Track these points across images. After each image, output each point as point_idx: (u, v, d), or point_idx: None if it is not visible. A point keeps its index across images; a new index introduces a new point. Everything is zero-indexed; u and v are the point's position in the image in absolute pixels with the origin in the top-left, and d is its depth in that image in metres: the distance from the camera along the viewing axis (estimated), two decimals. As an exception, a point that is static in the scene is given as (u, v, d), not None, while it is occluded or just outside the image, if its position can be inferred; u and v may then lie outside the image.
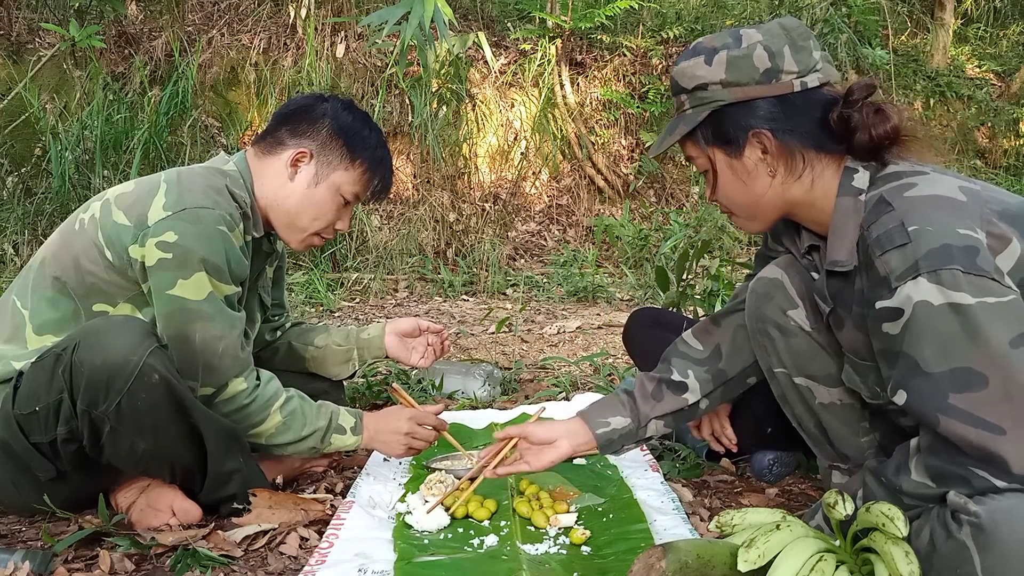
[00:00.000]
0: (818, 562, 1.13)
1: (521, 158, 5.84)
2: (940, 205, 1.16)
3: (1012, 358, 1.07)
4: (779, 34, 1.27)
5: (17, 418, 1.50)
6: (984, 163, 7.46)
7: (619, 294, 4.63)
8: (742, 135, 1.28)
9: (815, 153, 1.28)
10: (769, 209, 1.34)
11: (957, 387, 1.09)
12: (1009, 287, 1.09)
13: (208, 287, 1.56)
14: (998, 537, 1.03)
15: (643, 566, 1.17)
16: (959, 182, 1.20)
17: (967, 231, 1.11)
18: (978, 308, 1.07)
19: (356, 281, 4.51)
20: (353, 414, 1.75)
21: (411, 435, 1.77)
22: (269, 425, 1.64)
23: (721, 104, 1.28)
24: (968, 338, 1.07)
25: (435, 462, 1.85)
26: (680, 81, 1.33)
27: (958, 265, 1.08)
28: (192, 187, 1.59)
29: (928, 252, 1.10)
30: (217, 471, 1.60)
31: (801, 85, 1.26)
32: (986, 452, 1.08)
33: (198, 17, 5.64)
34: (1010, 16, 8.55)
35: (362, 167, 1.72)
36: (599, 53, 6.38)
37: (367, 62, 5.56)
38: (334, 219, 1.74)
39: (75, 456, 1.52)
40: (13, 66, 4.89)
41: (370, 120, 1.76)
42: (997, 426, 1.07)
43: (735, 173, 1.32)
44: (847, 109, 1.25)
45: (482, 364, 2.85)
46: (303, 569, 1.41)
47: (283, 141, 1.71)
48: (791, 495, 1.84)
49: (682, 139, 1.34)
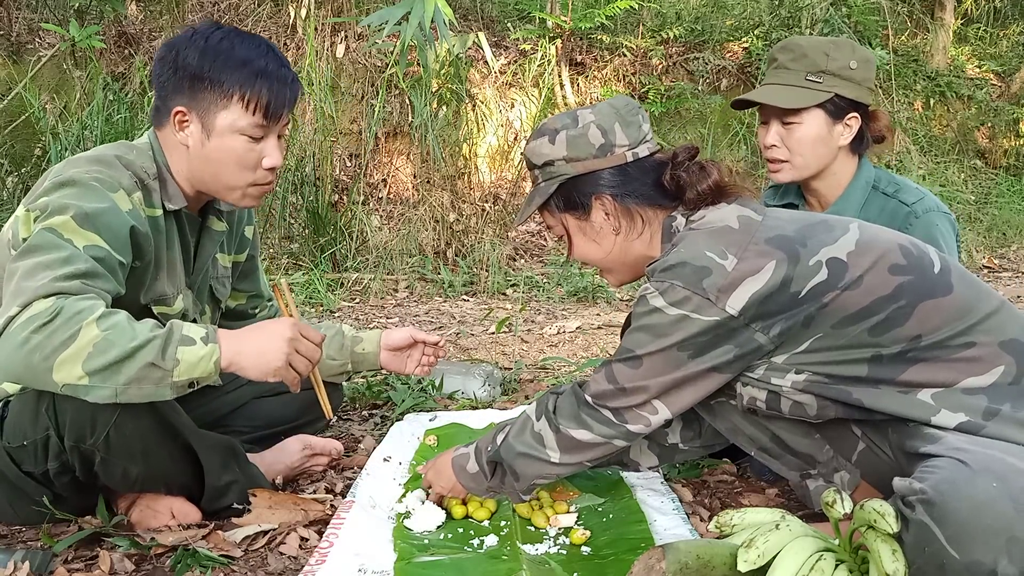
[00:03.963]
0: (818, 561, 1.14)
1: (521, 158, 5.84)
2: (707, 233, 1.37)
3: (672, 355, 1.35)
4: (609, 113, 1.47)
5: (7, 449, 1.49)
6: (984, 163, 7.46)
7: (619, 294, 4.63)
8: (587, 200, 1.48)
9: (652, 211, 1.49)
10: (619, 263, 1.54)
11: (623, 360, 1.40)
12: (722, 308, 1.30)
13: (70, 230, 1.36)
14: (949, 506, 1.08)
15: (643, 567, 1.17)
16: (743, 212, 1.39)
17: (713, 255, 1.32)
18: (671, 317, 1.33)
19: (356, 281, 4.51)
20: (204, 326, 1.39)
21: (294, 341, 1.42)
22: (84, 342, 1.25)
23: (566, 177, 1.48)
24: (648, 333, 1.36)
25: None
26: (531, 159, 1.53)
27: (680, 281, 1.32)
28: (77, 163, 1.48)
29: (665, 267, 1.35)
30: (214, 485, 1.61)
31: (633, 156, 1.47)
32: (600, 397, 1.42)
33: (198, 17, 5.65)
34: (1010, 16, 8.55)
35: (238, 95, 1.49)
36: (599, 53, 6.38)
37: (367, 62, 5.56)
38: (253, 161, 1.54)
39: (70, 484, 1.52)
40: (13, 66, 4.89)
41: (231, 36, 1.53)
42: (620, 386, 1.40)
43: (585, 234, 1.52)
44: (675, 171, 1.46)
45: (482, 364, 2.85)
46: (303, 569, 1.41)
47: (161, 107, 1.55)
48: (791, 495, 1.84)
49: (539, 209, 1.53)
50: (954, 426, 1.25)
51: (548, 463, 1.48)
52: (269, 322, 1.46)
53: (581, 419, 1.44)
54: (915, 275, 1.30)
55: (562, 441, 1.46)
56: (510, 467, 1.52)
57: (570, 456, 1.47)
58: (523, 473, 1.51)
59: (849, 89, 1.82)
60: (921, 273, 1.31)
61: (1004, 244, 6.53)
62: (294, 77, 1.57)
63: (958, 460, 1.14)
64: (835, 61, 1.82)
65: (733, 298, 1.30)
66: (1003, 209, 6.87)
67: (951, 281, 1.31)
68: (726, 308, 1.30)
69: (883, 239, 1.35)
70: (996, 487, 1.08)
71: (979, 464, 1.12)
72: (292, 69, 1.58)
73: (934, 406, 1.27)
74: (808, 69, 1.82)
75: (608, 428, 1.43)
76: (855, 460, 1.46)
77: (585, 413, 1.44)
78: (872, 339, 1.29)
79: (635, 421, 1.42)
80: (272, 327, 1.44)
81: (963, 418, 1.25)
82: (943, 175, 6.90)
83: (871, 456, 1.44)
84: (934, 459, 1.18)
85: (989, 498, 1.07)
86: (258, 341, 1.41)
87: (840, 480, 1.48)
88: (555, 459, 1.47)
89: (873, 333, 1.29)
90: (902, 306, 1.28)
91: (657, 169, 1.48)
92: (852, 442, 1.46)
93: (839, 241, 1.32)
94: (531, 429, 1.50)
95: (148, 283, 1.56)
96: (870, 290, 1.29)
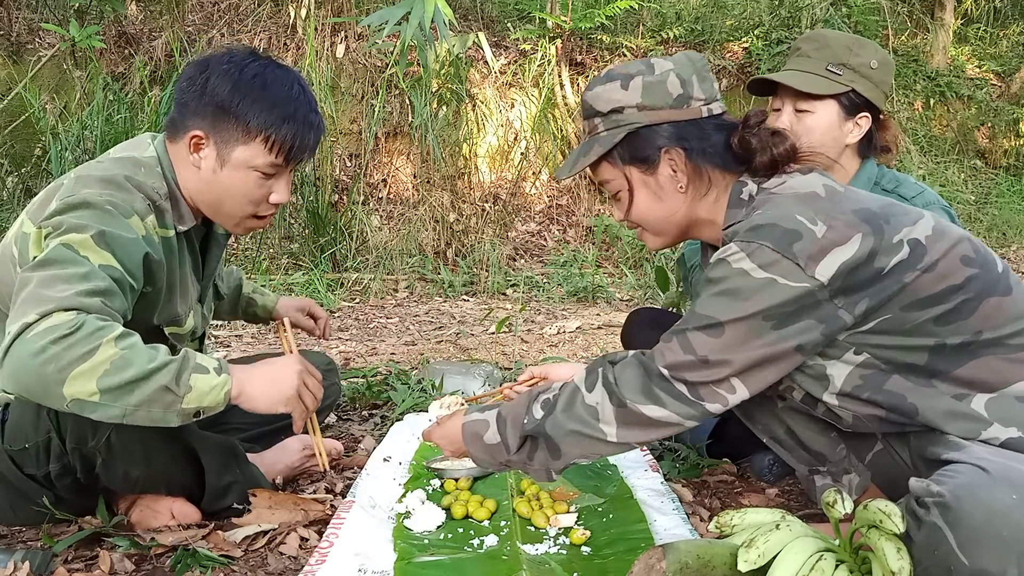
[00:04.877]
0: (818, 561, 1.14)
1: (521, 158, 5.84)
2: (792, 197, 1.30)
3: (757, 324, 1.23)
4: (687, 64, 1.39)
5: (8, 452, 1.50)
6: (984, 163, 7.46)
7: (619, 294, 4.64)
8: (655, 154, 1.38)
9: (719, 173, 1.39)
10: (677, 226, 1.45)
11: (701, 327, 1.26)
12: (811, 277, 1.21)
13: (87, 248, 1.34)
14: (965, 511, 1.07)
15: (643, 566, 1.17)
16: (827, 182, 1.33)
17: (803, 219, 1.23)
18: (759, 281, 1.22)
19: (356, 281, 4.51)
20: (216, 358, 1.41)
21: (303, 374, 1.47)
22: (102, 358, 1.25)
23: (636, 126, 1.38)
24: (733, 298, 1.24)
25: (435, 462, 1.85)
26: (595, 104, 1.42)
27: (770, 243, 1.22)
28: (90, 182, 1.44)
29: (752, 227, 1.26)
30: (215, 486, 1.61)
31: (707, 111, 1.39)
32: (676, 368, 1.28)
33: (198, 17, 5.65)
34: (1010, 16, 8.56)
35: (262, 136, 1.48)
36: (599, 53, 6.38)
37: (367, 62, 5.56)
38: (261, 196, 1.53)
39: (71, 485, 1.52)
40: (13, 66, 4.89)
41: (266, 71, 1.50)
42: (702, 357, 1.26)
43: (650, 189, 1.42)
44: (746, 134, 1.38)
45: (482, 364, 2.85)
46: (303, 569, 1.41)
47: (180, 124, 1.52)
48: (791, 495, 1.84)
49: (596, 161, 1.42)
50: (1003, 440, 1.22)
51: (601, 441, 1.33)
52: (277, 358, 1.51)
53: (653, 393, 1.29)
54: (982, 269, 1.27)
55: (626, 417, 1.31)
56: (553, 444, 1.36)
57: (630, 434, 1.32)
58: (567, 452, 1.36)
59: (866, 88, 1.83)
60: (987, 269, 1.28)
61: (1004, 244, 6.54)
62: (320, 121, 1.55)
63: (979, 467, 1.12)
64: (857, 57, 1.82)
65: (822, 266, 1.21)
66: (1003, 209, 6.87)
67: (1011, 283, 1.29)
68: (815, 275, 1.21)
69: (954, 230, 1.31)
70: (1015, 499, 1.07)
71: (1000, 473, 1.10)
72: (319, 113, 1.55)
73: (986, 419, 1.24)
74: (830, 60, 1.82)
75: (683, 405, 1.28)
76: (868, 461, 1.45)
77: (658, 386, 1.28)
78: (936, 328, 1.25)
79: (711, 399, 1.28)
80: (282, 361, 1.49)
81: (1015, 433, 1.22)
82: (943, 175, 6.91)
83: (886, 458, 1.42)
84: (954, 464, 1.16)
85: (1006, 508, 1.06)
86: (268, 373, 1.45)
87: (848, 482, 1.46)
88: (610, 436, 1.32)
89: (938, 322, 1.25)
90: (969, 299, 1.25)
91: (727, 130, 1.40)
92: (869, 443, 1.44)
93: (918, 224, 1.28)
94: (581, 401, 1.34)
95: (161, 305, 1.54)
96: (943, 276, 1.25)
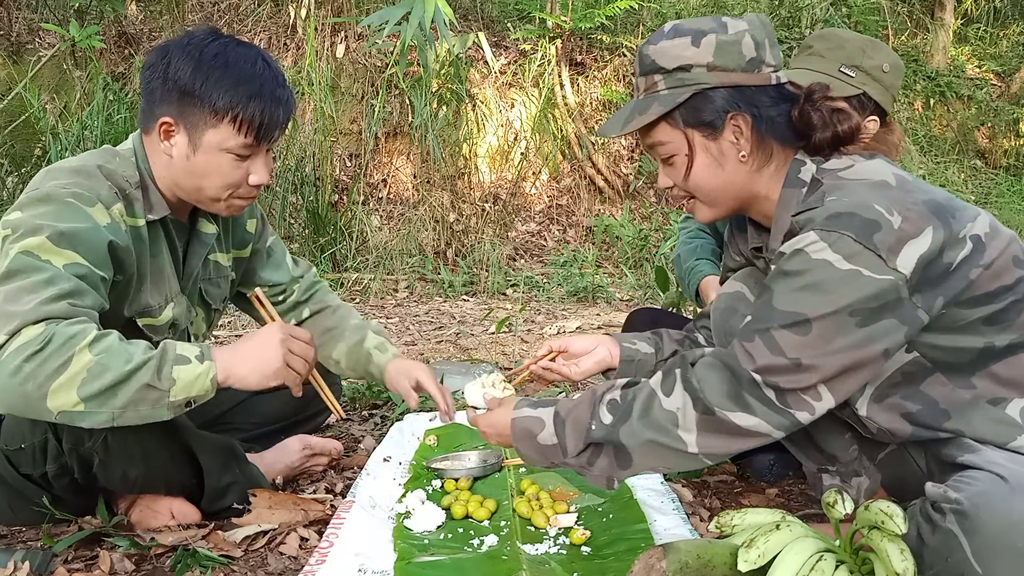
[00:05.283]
0: (818, 562, 1.13)
1: (521, 158, 5.84)
2: (865, 184, 1.22)
3: (843, 321, 1.14)
4: (760, 26, 1.31)
5: (5, 452, 1.49)
6: (984, 163, 7.46)
7: (619, 294, 4.64)
8: (721, 119, 1.29)
9: (779, 146, 1.32)
10: (733, 198, 1.36)
11: (787, 325, 1.16)
12: (893, 269, 1.13)
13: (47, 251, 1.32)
14: (982, 520, 1.06)
15: (643, 566, 1.17)
16: (896, 171, 1.25)
17: (881, 209, 1.15)
18: (844, 273, 1.13)
19: (356, 281, 4.51)
20: (198, 344, 1.39)
21: (287, 341, 1.43)
22: (77, 368, 1.23)
23: (704, 87, 1.29)
24: (819, 292, 1.14)
25: (435, 462, 1.85)
26: (658, 60, 1.31)
27: (852, 233, 1.14)
28: (58, 174, 1.43)
29: (832, 215, 1.17)
30: (214, 487, 1.61)
31: (776, 79, 1.31)
32: (768, 372, 1.16)
33: (198, 17, 5.65)
34: (1010, 16, 8.56)
35: (229, 116, 1.44)
36: (599, 53, 6.38)
37: (367, 62, 5.56)
38: (239, 179, 1.50)
39: (69, 485, 1.52)
40: (13, 66, 4.89)
41: (227, 49, 1.47)
42: (793, 359, 1.15)
43: (711, 156, 1.32)
44: (807, 107, 1.30)
45: (482, 364, 2.85)
46: (303, 569, 1.41)
47: (148, 113, 1.51)
48: (791, 495, 1.84)
49: (652, 122, 1.32)
50: None
51: (679, 452, 1.22)
52: (258, 330, 1.46)
53: (742, 399, 1.17)
54: None
55: (710, 424, 1.19)
56: (624, 453, 1.25)
57: (711, 443, 1.20)
58: (638, 462, 1.25)
59: (877, 91, 1.80)
60: None
61: (1004, 244, 6.52)
62: (289, 95, 1.51)
63: (998, 475, 1.11)
64: (871, 59, 1.79)
65: (902, 258, 1.14)
66: (1003, 209, 6.87)
67: None
68: (897, 268, 1.13)
69: (1005, 229, 1.27)
70: None
71: (1018, 483, 1.09)
72: (287, 86, 1.52)
73: (1021, 425, 1.22)
74: (843, 61, 1.79)
75: (774, 414, 1.17)
76: (879, 461, 1.43)
77: (748, 391, 1.17)
78: (985, 328, 1.22)
79: (799, 407, 1.17)
80: (262, 333, 1.44)
81: None
82: (943, 175, 6.91)
83: (897, 459, 1.40)
84: (971, 470, 1.15)
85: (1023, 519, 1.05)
86: (251, 349, 1.41)
87: (857, 485, 1.44)
88: (690, 446, 1.21)
89: (987, 322, 1.21)
90: (1018, 300, 1.22)
91: (790, 101, 1.32)
92: (883, 443, 1.42)
93: (977, 220, 1.22)
94: (659, 406, 1.23)
95: (131, 296, 1.52)
96: (997, 275, 1.21)
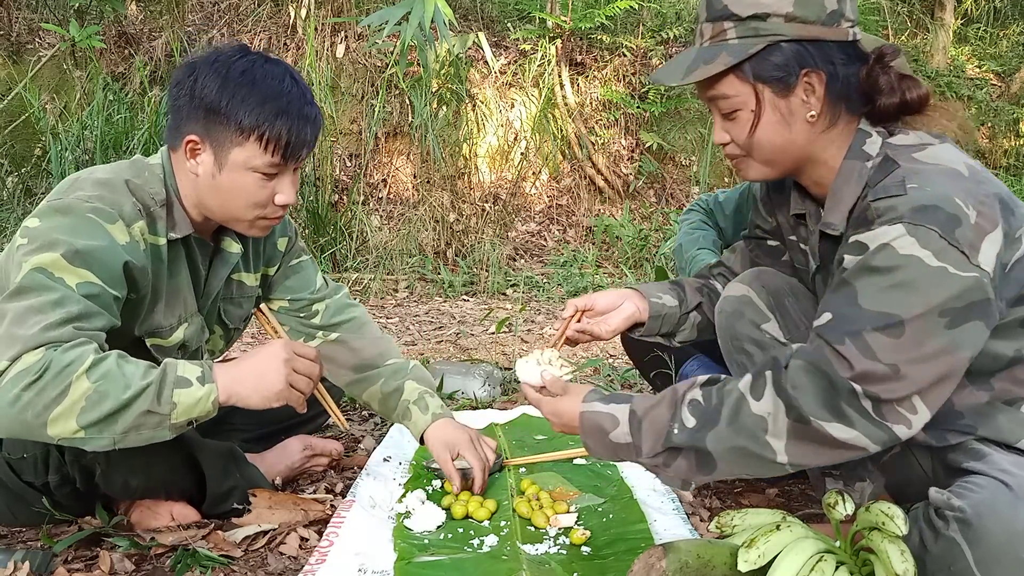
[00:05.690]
0: (818, 562, 1.13)
1: (521, 158, 5.84)
2: (943, 172, 1.14)
3: (933, 323, 1.07)
4: None
5: (7, 460, 1.50)
6: (984, 163, 7.45)
7: (619, 294, 4.63)
8: (795, 75, 1.20)
9: (845, 109, 1.24)
10: (792, 159, 1.28)
11: (880, 328, 1.08)
12: (976, 266, 1.07)
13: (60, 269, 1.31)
14: (986, 529, 1.05)
15: (643, 566, 1.17)
16: (965, 159, 1.19)
17: (960, 203, 1.09)
18: (933, 270, 1.07)
19: (356, 281, 4.51)
20: (200, 364, 1.35)
21: (290, 361, 1.39)
22: (76, 396, 1.22)
23: (781, 39, 1.20)
24: (911, 291, 1.07)
25: (435, 462, 1.85)
26: (732, 6, 1.21)
27: (938, 228, 1.07)
28: (84, 184, 1.42)
29: (918, 207, 1.09)
30: (216, 492, 1.61)
31: (854, 36, 1.21)
32: (868, 380, 1.08)
33: (198, 17, 5.65)
34: (1010, 16, 8.55)
35: (256, 134, 1.42)
36: (599, 53, 6.37)
37: (367, 62, 5.56)
38: (265, 198, 1.47)
39: (70, 493, 1.52)
40: (13, 66, 4.89)
41: (254, 66, 1.44)
42: (892, 365, 1.07)
43: (779, 114, 1.23)
44: (876, 69, 1.21)
45: (482, 364, 2.85)
46: (303, 569, 1.41)
47: (175, 130, 1.48)
48: (791, 495, 1.84)
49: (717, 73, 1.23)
50: None
51: (766, 460, 1.14)
52: (260, 347, 1.43)
53: (840, 409, 1.09)
54: None
55: (802, 433, 1.11)
56: (708, 459, 1.17)
57: (800, 452, 1.12)
58: (722, 469, 1.18)
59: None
60: None
61: (1004, 244, 6.53)
62: (317, 113, 1.49)
63: (1002, 482, 1.09)
64: None
65: (982, 254, 1.08)
66: (1003, 209, 6.87)
67: None
68: (980, 264, 1.07)
69: None
70: None
71: (1023, 491, 1.08)
72: (315, 104, 1.50)
73: None
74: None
75: (873, 427, 1.09)
76: (883, 464, 1.41)
77: (846, 401, 1.09)
78: (1021, 331, 1.18)
79: (895, 420, 1.09)
80: (264, 351, 1.40)
81: None
82: (943, 175, 6.90)
83: (902, 461, 1.38)
84: (975, 476, 1.13)
85: None
86: (254, 368, 1.37)
87: (861, 490, 1.42)
88: (779, 455, 1.13)
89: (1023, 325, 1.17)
90: None
91: (862, 61, 1.22)
92: None
93: None
94: (748, 411, 1.14)
95: (143, 315, 1.50)
96: None
